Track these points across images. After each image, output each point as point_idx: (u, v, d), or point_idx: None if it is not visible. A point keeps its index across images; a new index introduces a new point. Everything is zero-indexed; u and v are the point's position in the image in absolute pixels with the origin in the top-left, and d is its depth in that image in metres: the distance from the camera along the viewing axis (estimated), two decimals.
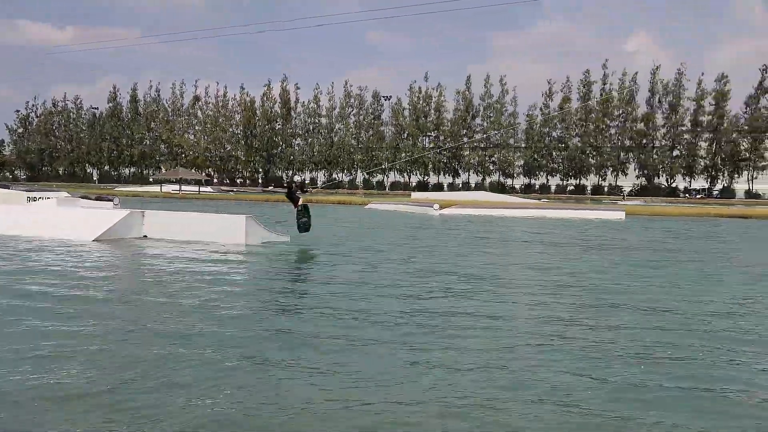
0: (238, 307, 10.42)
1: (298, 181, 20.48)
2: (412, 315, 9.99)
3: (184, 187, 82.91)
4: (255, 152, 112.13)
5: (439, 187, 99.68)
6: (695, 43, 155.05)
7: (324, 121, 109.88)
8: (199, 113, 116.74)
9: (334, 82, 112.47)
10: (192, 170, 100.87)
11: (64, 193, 38.71)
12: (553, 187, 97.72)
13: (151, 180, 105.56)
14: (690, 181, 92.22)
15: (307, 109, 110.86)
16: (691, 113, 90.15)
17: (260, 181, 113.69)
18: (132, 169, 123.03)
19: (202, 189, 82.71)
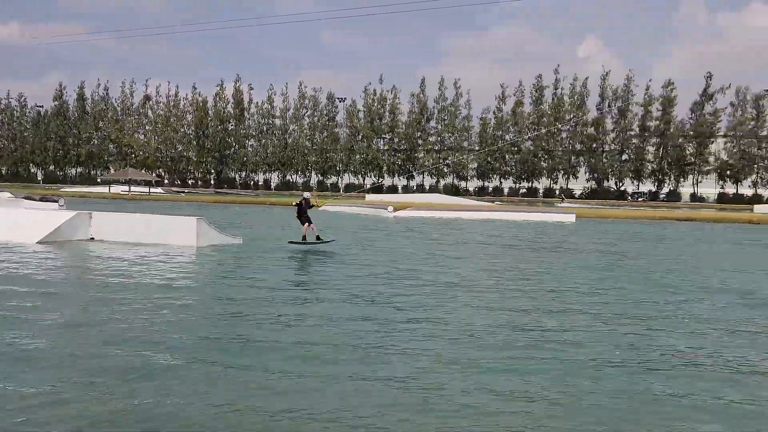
0: (185, 310, 10.10)
1: (309, 197, 19.48)
2: (360, 319, 9.80)
3: (134, 188, 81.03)
4: (207, 153, 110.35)
5: (393, 189, 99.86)
6: (644, 50, 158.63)
7: (278, 122, 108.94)
8: (150, 113, 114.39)
9: (288, 83, 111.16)
10: (142, 171, 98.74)
11: (7, 194, 37.40)
12: (506, 190, 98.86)
13: (99, 180, 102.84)
14: (638, 185, 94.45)
15: (260, 109, 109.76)
16: (639, 118, 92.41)
17: (212, 183, 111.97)
18: (79, 170, 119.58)
19: (152, 190, 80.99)
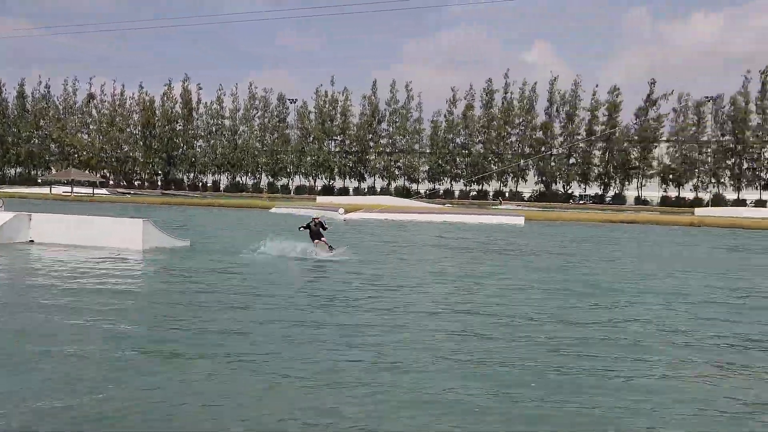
0: (125, 315, 9.77)
1: (317, 220, 19.22)
2: (305, 324, 9.59)
3: (77, 189, 78.69)
4: (154, 153, 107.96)
5: (344, 191, 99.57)
6: (590, 56, 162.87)
7: (227, 122, 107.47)
8: (94, 112, 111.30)
9: (238, 84, 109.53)
10: (86, 171, 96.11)
11: None
12: (457, 192, 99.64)
13: (39, 181, 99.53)
14: (585, 188, 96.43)
15: (209, 110, 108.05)
16: (586, 123, 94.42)
17: (159, 184, 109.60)
18: (18, 170, 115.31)
19: (96, 191, 78.87)
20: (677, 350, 8.71)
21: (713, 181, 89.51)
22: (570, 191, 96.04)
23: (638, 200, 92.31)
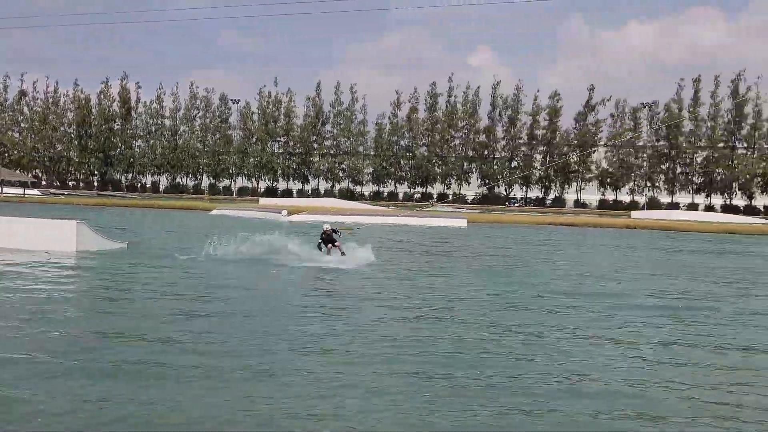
0: (57, 321, 9.37)
1: (329, 229, 18.89)
2: (238, 330, 9.38)
3: (6, 189, 75.61)
4: (90, 153, 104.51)
5: (288, 193, 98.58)
6: (532, 61, 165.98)
7: (167, 122, 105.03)
8: (26, 109, 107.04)
9: (179, 83, 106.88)
10: (16, 171, 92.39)
11: None
12: (401, 195, 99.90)
13: None
14: (526, 191, 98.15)
15: (149, 109, 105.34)
16: (528, 127, 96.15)
17: (96, 184, 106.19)
18: None
19: (27, 192, 75.93)
20: (601, 349, 8.87)
21: (648, 184, 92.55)
22: (512, 194, 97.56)
23: (577, 203, 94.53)
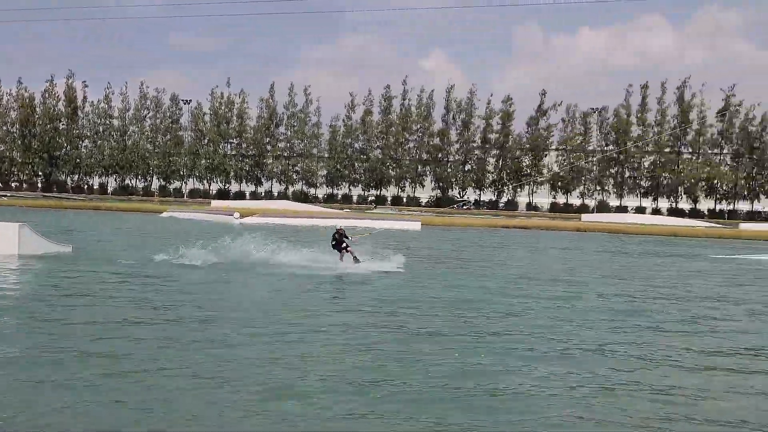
0: None
1: (341, 229, 18.69)
2: (181, 337, 9.26)
3: None
4: (34, 153, 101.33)
5: (240, 196, 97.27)
6: (485, 65, 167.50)
7: (116, 122, 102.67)
8: None
9: (128, 82, 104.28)
10: None
11: None
12: (355, 198, 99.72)
13: None
14: (479, 194, 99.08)
15: (96, 109, 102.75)
16: (481, 131, 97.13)
17: (40, 186, 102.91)
18: None
19: None
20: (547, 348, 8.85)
21: (598, 188, 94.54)
22: (465, 197, 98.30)
23: (529, 206, 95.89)
